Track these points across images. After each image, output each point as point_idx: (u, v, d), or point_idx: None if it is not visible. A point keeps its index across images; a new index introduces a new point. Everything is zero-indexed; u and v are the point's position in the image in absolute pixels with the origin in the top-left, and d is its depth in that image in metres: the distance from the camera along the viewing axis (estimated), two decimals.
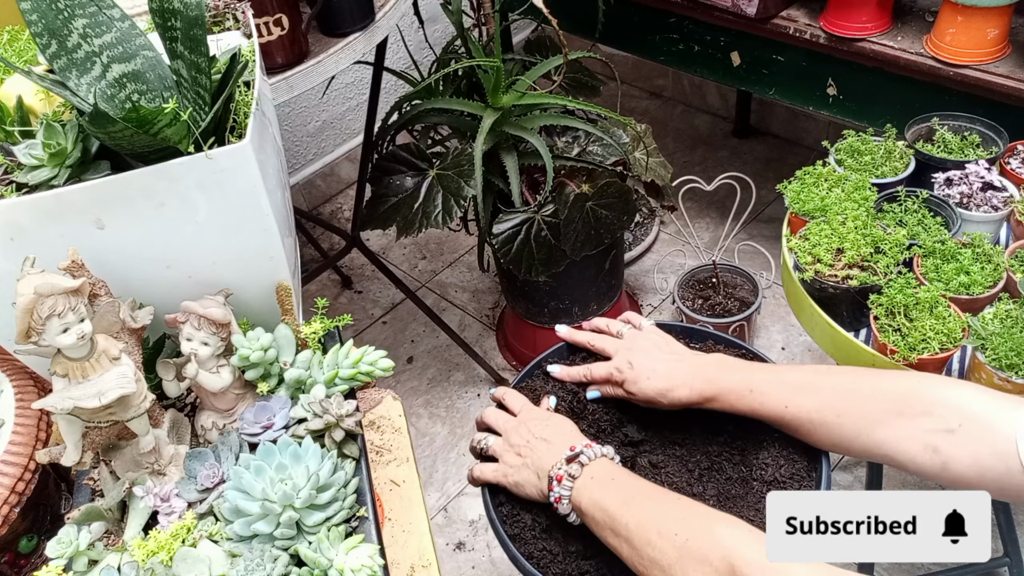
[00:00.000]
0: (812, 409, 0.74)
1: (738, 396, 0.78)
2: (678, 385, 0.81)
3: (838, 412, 0.73)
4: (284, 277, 0.78)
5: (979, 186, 1.05)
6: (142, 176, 0.66)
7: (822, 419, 0.74)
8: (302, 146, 2.40)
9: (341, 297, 2.21)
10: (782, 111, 2.37)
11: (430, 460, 1.79)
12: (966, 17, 1.24)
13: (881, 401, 0.71)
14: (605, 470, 0.74)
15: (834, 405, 0.73)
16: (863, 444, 0.72)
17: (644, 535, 0.67)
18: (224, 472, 0.71)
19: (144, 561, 0.65)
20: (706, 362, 0.82)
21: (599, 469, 0.74)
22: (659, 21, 1.71)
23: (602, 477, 0.73)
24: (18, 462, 0.76)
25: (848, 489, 1.61)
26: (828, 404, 0.74)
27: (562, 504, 0.74)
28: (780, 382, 0.77)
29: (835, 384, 0.75)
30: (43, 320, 0.61)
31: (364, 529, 0.68)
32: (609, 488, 0.72)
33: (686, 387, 0.80)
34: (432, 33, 2.04)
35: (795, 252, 1.03)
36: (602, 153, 1.59)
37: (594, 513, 0.71)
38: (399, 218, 1.45)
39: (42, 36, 0.67)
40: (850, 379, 0.75)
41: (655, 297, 2.05)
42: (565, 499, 0.74)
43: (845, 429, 0.72)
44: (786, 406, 0.75)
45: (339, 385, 0.76)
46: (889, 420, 0.70)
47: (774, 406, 0.76)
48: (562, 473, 0.74)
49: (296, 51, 1.19)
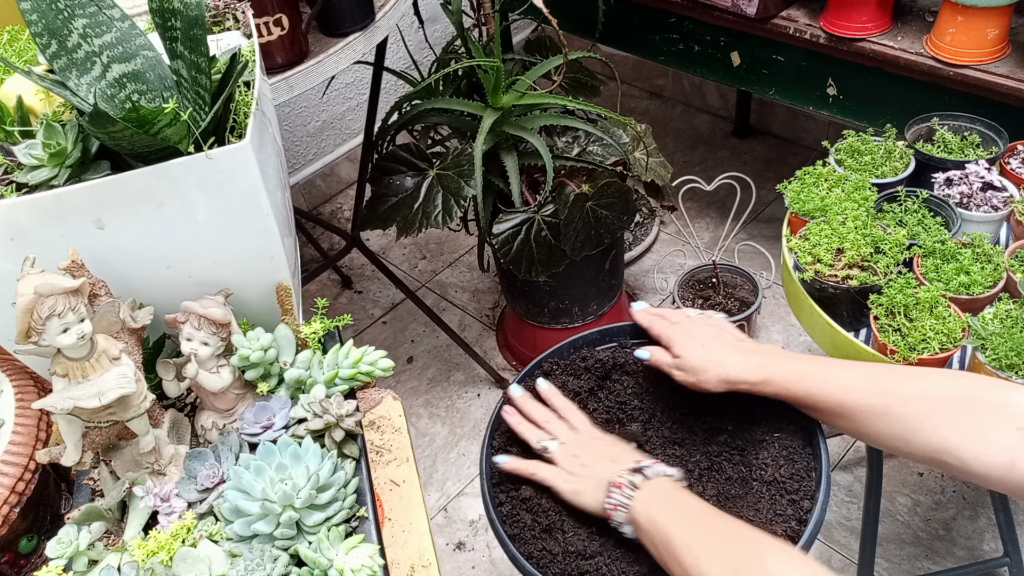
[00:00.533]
0: (877, 394, 0.72)
1: (795, 379, 0.76)
2: (733, 362, 0.79)
3: (904, 401, 0.70)
4: (284, 277, 0.78)
5: (979, 186, 1.05)
6: (142, 176, 0.66)
7: (886, 407, 0.71)
8: (302, 146, 2.40)
9: (341, 297, 2.21)
10: (782, 111, 2.37)
11: (430, 460, 1.79)
12: (966, 17, 1.24)
13: (950, 396, 0.69)
14: (667, 488, 0.73)
15: (900, 394, 0.71)
16: (924, 438, 0.69)
17: (693, 558, 0.66)
18: (224, 472, 0.71)
19: (144, 561, 0.65)
20: (762, 347, 0.81)
21: (661, 485, 0.73)
22: (659, 21, 1.71)
23: (662, 494, 0.73)
24: (18, 462, 0.76)
25: (848, 489, 1.61)
26: (894, 392, 0.71)
27: (618, 512, 0.74)
28: (841, 366, 0.75)
29: (901, 374, 0.73)
30: (43, 320, 0.61)
31: (364, 529, 0.68)
32: (667, 505, 0.71)
33: (740, 365, 0.79)
34: (432, 33, 2.04)
35: (795, 252, 1.03)
36: (602, 153, 1.59)
37: (648, 528, 0.71)
38: (399, 218, 1.45)
39: (42, 36, 0.67)
40: (917, 373, 0.73)
41: (655, 297, 2.05)
42: (622, 508, 0.73)
43: (910, 420, 0.70)
44: (848, 390, 0.73)
45: (339, 385, 0.76)
46: (957, 415, 0.68)
47: (834, 390, 0.74)
48: (623, 481, 0.74)
49: (296, 51, 1.19)
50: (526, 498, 0.83)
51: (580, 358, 0.95)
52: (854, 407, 0.73)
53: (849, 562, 1.50)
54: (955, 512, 1.55)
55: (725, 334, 0.83)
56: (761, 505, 0.79)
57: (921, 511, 1.56)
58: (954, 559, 1.48)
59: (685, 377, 0.82)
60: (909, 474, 1.61)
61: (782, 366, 0.78)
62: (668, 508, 0.71)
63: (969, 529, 1.52)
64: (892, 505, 1.57)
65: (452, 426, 1.85)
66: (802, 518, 0.77)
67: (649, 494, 0.73)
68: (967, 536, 1.51)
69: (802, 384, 0.76)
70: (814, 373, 0.76)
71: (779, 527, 0.76)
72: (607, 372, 0.93)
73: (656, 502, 0.72)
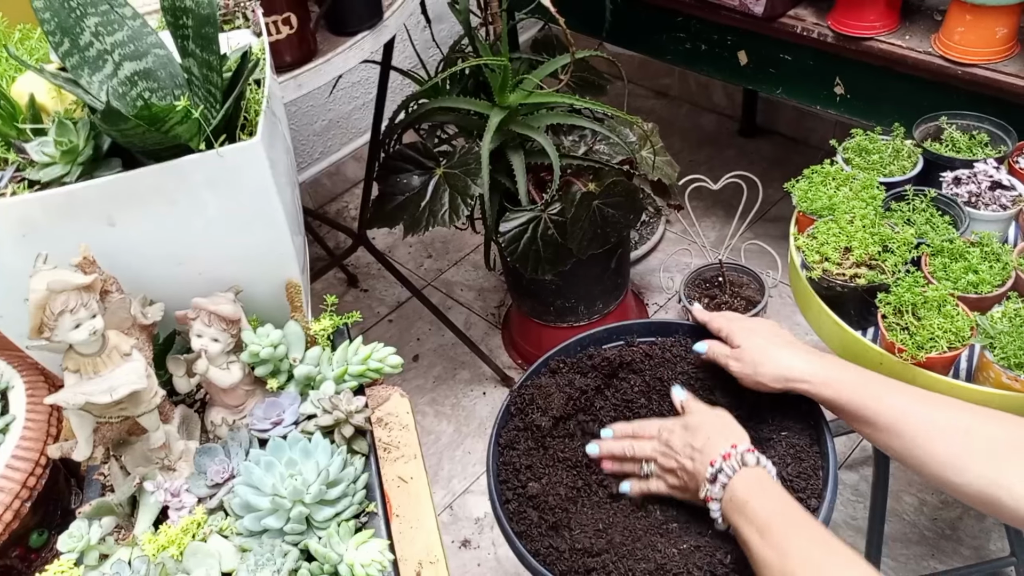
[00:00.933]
0: (940, 420, 0.73)
1: (853, 389, 0.77)
2: (794, 361, 0.81)
3: (967, 429, 0.72)
4: (293, 274, 0.78)
5: (987, 185, 1.05)
6: (153, 173, 0.67)
7: (944, 431, 0.72)
8: (308, 145, 2.41)
9: (347, 295, 2.22)
10: (788, 110, 2.37)
11: (436, 458, 1.79)
12: (975, 16, 1.23)
13: (1009, 437, 0.70)
14: (755, 480, 0.74)
15: (964, 423, 0.72)
16: (978, 471, 0.70)
17: (769, 570, 0.67)
18: (234, 467, 0.71)
19: (155, 556, 0.65)
20: (819, 352, 0.83)
21: (755, 477, 0.74)
22: (666, 20, 1.70)
23: (752, 486, 0.74)
24: (30, 457, 0.76)
25: (855, 488, 1.61)
26: (955, 419, 0.73)
27: (713, 497, 0.76)
28: (899, 386, 0.77)
29: (964, 407, 0.74)
30: (55, 316, 0.61)
31: (373, 525, 0.68)
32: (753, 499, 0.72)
33: (803, 364, 0.80)
34: (439, 32, 2.04)
35: (802, 251, 1.03)
36: (609, 152, 1.59)
37: (738, 524, 0.72)
38: (406, 216, 1.46)
39: (54, 34, 0.67)
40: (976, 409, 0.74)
41: (661, 296, 2.05)
42: (716, 509, 0.76)
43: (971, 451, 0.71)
44: (909, 411, 0.74)
45: (348, 382, 0.77)
46: (1014, 455, 0.69)
47: (891, 409, 0.75)
48: (709, 495, 0.76)
49: (305, 50, 1.20)
50: (532, 495, 0.83)
51: (587, 356, 0.95)
52: (911, 428, 0.74)
53: None
54: (961, 512, 1.54)
55: (784, 333, 0.85)
56: None
57: (927, 510, 1.55)
58: (960, 559, 1.48)
59: (741, 368, 0.83)
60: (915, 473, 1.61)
61: (844, 375, 0.79)
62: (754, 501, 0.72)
63: (975, 529, 1.52)
64: (898, 504, 1.56)
65: (458, 424, 1.86)
66: None
67: (740, 482, 0.74)
68: (973, 536, 1.51)
69: (860, 397, 0.77)
70: (875, 388, 0.77)
71: None
72: (614, 370, 0.94)
73: (738, 503, 0.73)
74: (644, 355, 0.94)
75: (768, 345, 0.83)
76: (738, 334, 0.85)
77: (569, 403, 0.91)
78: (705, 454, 0.77)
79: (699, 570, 0.75)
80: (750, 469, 0.75)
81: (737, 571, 0.75)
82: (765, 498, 0.72)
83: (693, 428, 0.81)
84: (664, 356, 0.94)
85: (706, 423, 0.81)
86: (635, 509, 0.85)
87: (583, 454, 0.88)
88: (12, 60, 0.78)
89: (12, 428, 0.79)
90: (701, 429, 0.80)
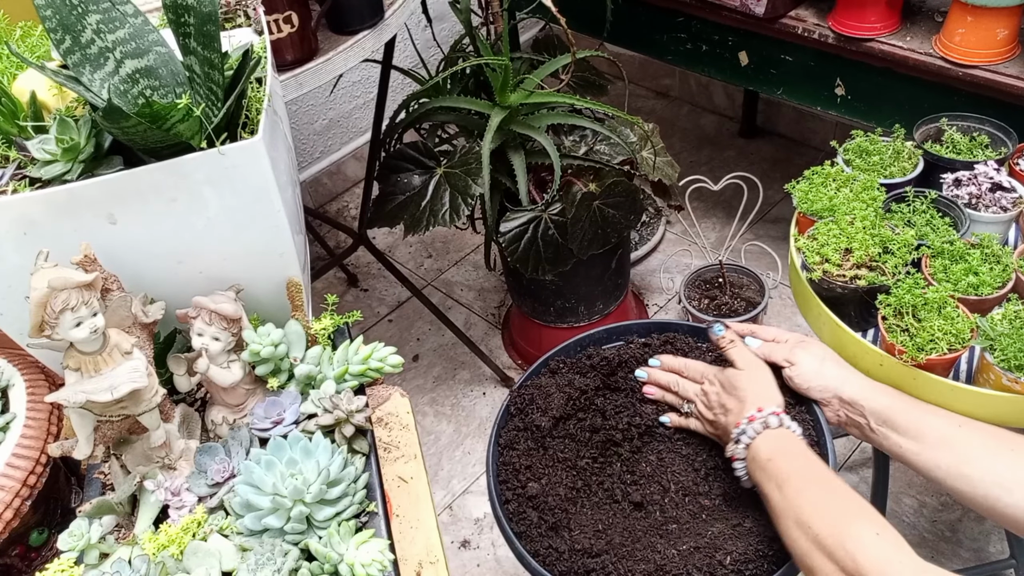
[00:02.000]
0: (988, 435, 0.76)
1: (904, 400, 0.82)
2: (851, 380, 0.85)
3: (1013, 447, 0.74)
4: (294, 273, 0.78)
5: (988, 187, 1.05)
6: (154, 172, 0.67)
7: (996, 446, 0.74)
8: (309, 144, 2.41)
9: (347, 295, 2.22)
10: (789, 111, 2.37)
11: (435, 458, 1.79)
12: (976, 17, 1.23)
13: None
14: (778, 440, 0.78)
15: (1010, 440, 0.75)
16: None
17: (783, 521, 0.71)
18: (234, 467, 0.71)
19: (155, 555, 0.65)
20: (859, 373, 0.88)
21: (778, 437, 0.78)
22: (667, 20, 1.70)
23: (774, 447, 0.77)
24: (30, 455, 0.76)
25: (854, 489, 1.61)
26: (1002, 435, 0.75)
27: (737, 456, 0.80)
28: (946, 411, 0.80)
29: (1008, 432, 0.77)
30: (56, 314, 0.61)
31: (374, 524, 0.68)
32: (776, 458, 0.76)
33: (858, 385, 0.85)
34: (440, 31, 2.04)
35: (803, 252, 1.03)
36: (609, 152, 1.59)
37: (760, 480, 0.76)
38: (406, 216, 1.45)
39: (56, 31, 0.67)
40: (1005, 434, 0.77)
41: (661, 297, 2.05)
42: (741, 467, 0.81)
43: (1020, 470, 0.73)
44: (960, 425, 0.78)
45: (349, 381, 0.76)
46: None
47: (944, 422, 0.78)
48: (734, 453, 0.80)
49: (306, 48, 1.20)
50: (532, 496, 0.83)
51: (586, 356, 0.95)
52: (963, 441, 0.77)
53: None
54: (961, 514, 1.54)
55: (832, 351, 0.90)
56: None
57: (927, 512, 1.55)
58: (960, 561, 1.48)
59: (799, 378, 0.87)
60: (915, 476, 1.61)
61: (894, 392, 0.85)
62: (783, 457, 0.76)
63: (975, 531, 1.52)
64: (898, 506, 1.56)
65: (457, 424, 1.86)
66: None
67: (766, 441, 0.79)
68: (973, 538, 1.51)
69: (910, 408, 0.82)
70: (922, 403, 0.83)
71: None
72: (613, 370, 0.94)
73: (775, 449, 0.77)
74: (644, 355, 0.94)
75: (826, 358, 0.88)
76: (798, 339, 0.90)
77: (569, 403, 0.90)
78: (734, 415, 0.82)
79: (698, 571, 0.75)
80: (773, 431, 0.78)
81: (737, 572, 0.75)
82: (787, 457, 0.76)
83: (730, 387, 0.84)
84: (664, 353, 0.94)
85: (743, 384, 0.84)
86: (634, 509, 0.85)
87: (583, 454, 0.88)
88: (13, 57, 0.78)
89: (12, 426, 0.78)
90: (737, 390, 0.83)
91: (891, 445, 0.81)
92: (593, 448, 0.89)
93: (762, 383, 0.84)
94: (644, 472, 0.88)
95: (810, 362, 0.87)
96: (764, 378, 0.85)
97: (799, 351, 0.88)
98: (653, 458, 0.88)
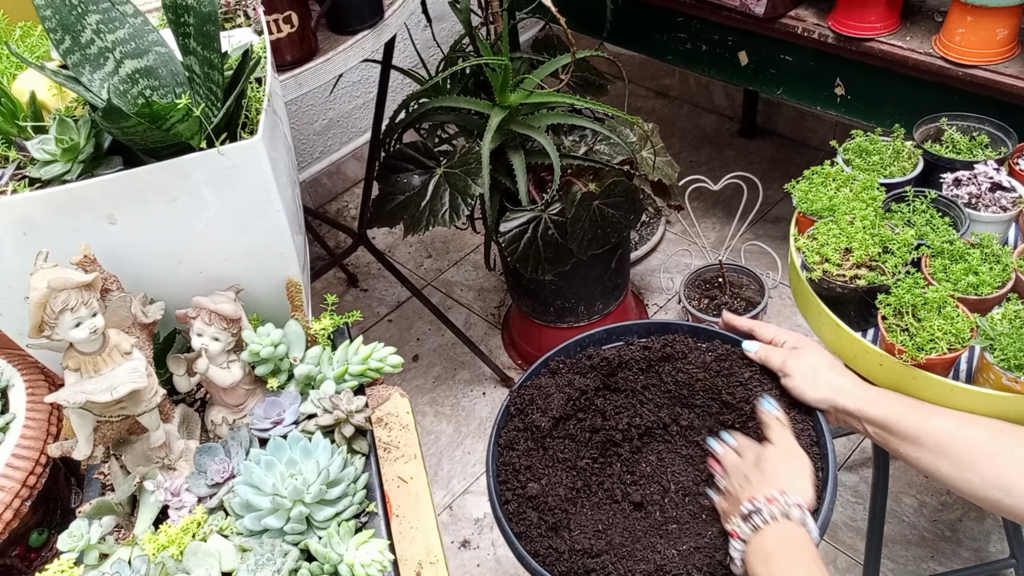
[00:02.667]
0: (986, 438, 0.74)
1: (903, 407, 0.79)
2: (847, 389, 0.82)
3: (1012, 448, 0.72)
4: (294, 273, 0.78)
5: (988, 186, 1.05)
6: (154, 172, 0.67)
7: (993, 451, 0.73)
8: (309, 144, 2.41)
9: (347, 295, 2.22)
10: (789, 111, 2.37)
11: (435, 458, 1.79)
12: (975, 17, 1.23)
13: None
14: (790, 536, 0.69)
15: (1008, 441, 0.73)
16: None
17: None
18: (234, 467, 0.71)
19: (155, 555, 0.65)
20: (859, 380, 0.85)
21: (791, 533, 0.70)
22: (667, 20, 1.70)
23: (784, 541, 0.69)
24: (30, 456, 0.76)
25: (854, 489, 1.61)
26: (1000, 438, 0.74)
27: (735, 542, 0.73)
28: (949, 411, 0.78)
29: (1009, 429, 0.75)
30: (56, 314, 0.61)
31: (373, 525, 0.68)
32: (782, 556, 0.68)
33: (855, 393, 0.82)
34: (439, 31, 2.04)
35: (803, 251, 1.03)
36: (609, 152, 1.59)
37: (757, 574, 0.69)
38: (406, 216, 1.45)
39: (56, 32, 0.67)
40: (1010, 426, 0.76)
41: (661, 297, 2.05)
42: (738, 548, 0.72)
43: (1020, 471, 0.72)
44: (957, 430, 0.75)
45: (348, 381, 0.76)
46: None
47: (942, 428, 0.76)
48: (736, 530, 0.72)
49: (305, 48, 1.20)
50: (532, 496, 0.83)
51: (587, 356, 0.95)
52: (961, 447, 0.75)
53: (855, 563, 1.50)
54: (961, 513, 1.54)
55: (829, 354, 0.88)
56: None
57: (927, 512, 1.55)
58: (960, 560, 1.48)
59: (795, 384, 0.85)
60: (915, 475, 1.61)
61: (891, 396, 0.82)
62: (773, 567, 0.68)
63: (975, 530, 1.52)
64: (898, 506, 1.56)
65: (457, 424, 1.86)
66: None
67: (763, 541, 0.70)
68: (973, 537, 1.51)
69: (909, 415, 0.79)
70: (922, 407, 0.80)
71: None
72: (613, 370, 0.93)
73: (760, 559, 0.69)
74: (644, 355, 0.94)
75: (820, 367, 0.85)
76: (797, 341, 0.88)
77: (569, 403, 0.90)
78: (752, 488, 0.74)
79: (699, 571, 0.75)
80: (790, 523, 0.70)
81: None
82: (793, 560, 0.67)
83: (762, 462, 0.77)
84: (664, 354, 0.94)
85: (773, 460, 0.77)
86: (634, 510, 0.84)
87: (583, 455, 0.88)
88: (13, 57, 0.78)
89: (12, 427, 0.78)
90: (766, 463, 0.76)
91: (891, 449, 0.81)
92: (593, 448, 0.89)
93: (797, 470, 0.75)
94: (644, 472, 0.87)
95: (803, 374, 0.85)
96: (801, 466, 0.76)
97: (792, 361, 0.86)
98: (653, 458, 0.88)
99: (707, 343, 0.94)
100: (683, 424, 0.89)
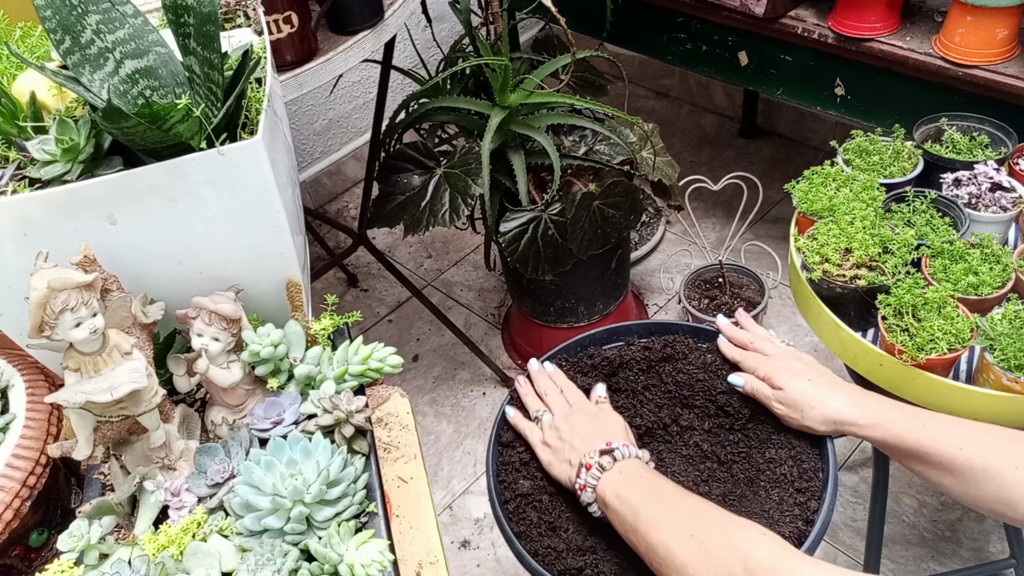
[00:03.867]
0: (990, 456, 0.72)
1: (905, 429, 0.76)
2: (842, 404, 0.79)
3: (1016, 464, 0.71)
4: (294, 273, 0.78)
5: (988, 187, 1.05)
6: (154, 172, 0.67)
7: (997, 469, 0.71)
8: (308, 144, 2.41)
9: (347, 295, 2.22)
10: (789, 111, 2.37)
11: (435, 458, 1.79)
12: (976, 17, 1.23)
13: None
14: (634, 468, 0.75)
15: (1012, 456, 0.71)
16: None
17: (660, 534, 0.67)
18: (234, 467, 0.71)
19: (155, 555, 0.65)
20: (863, 390, 0.81)
21: (629, 466, 0.75)
22: (667, 20, 1.71)
23: (630, 474, 0.74)
24: (30, 456, 0.76)
25: (854, 489, 1.61)
26: (1004, 453, 0.72)
27: (586, 492, 0.76)
28: (951, 422, 0.76)
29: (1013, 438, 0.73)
30: (56, 314, 0.61)
31: (373, 525, 0.68)
32: (635, 485, 0.73)
33: (851, 407, 0.79)
34: (439, 32, 2.04)
35: (803, 252, 1.03)
36: (609, 152, 1.59)
37: (616, 506, 0.72)
38: (406, 216, 1.45)
39: (56, 32, 0.67)
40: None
41: (661, 297, 2.05)
42: (590, 488, 0.75)
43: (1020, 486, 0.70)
44: (961, 447, 0.73)
45: (348, 381, 0.76)
46: None
47: (945, 445, 0.74)
48: (591, 463, 0.76)
49: (305, 48, 1.20)
50: (528, 494, 0.83)
51: (587, 356, 0.95)
52: (965, 465, 0.73)
53: (855, 563, 1.50)
54: (961, 514, 1.54)
55: (824, 371, 0.84)
56: (768, 505, 0.79)
57: (927, 512, 1.55)
58: (960, 560, 1.48)
59: (786, 412, 0.83)
60: (915, 475, 1.61)
61: (892, 414, 0.78)
62: (636, 487, 0.73)
63: (975, 530, 1.52)
64: (898, 506, 1.56)
65: (457, 424, 1.86)
66: (809, 518, 0.77)
67: (616, 475, 0.74)
68: (973, 537, 1.51)
69: (912, 435, 0.76)
70: (925, 425, 0.76)
71: (785, 527, 0.77)
72: (614, 370, 0.94)
73: (623, 482, 0.74)
74: (644, 355, 0.94)
75: (813, 388, 0.81)
76: (779, 375, 0.83)
77: None
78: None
79: None
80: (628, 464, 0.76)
81: None
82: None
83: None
84: (664, 354, 0.94)
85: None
86: None
87: None
88: (13, 57, 0.78)
89: (12, 427, 0.78)
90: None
91: (895, 459, 0.80)
92: None
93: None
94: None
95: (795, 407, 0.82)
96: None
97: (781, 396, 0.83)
98: (653, 457, 0.88)
99: (707, 343, 0.94)
100: (683, 424, 0.89)
